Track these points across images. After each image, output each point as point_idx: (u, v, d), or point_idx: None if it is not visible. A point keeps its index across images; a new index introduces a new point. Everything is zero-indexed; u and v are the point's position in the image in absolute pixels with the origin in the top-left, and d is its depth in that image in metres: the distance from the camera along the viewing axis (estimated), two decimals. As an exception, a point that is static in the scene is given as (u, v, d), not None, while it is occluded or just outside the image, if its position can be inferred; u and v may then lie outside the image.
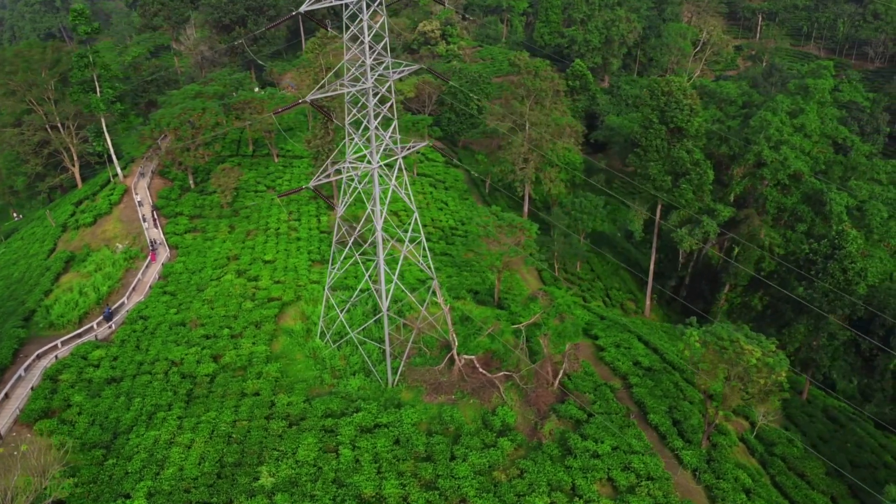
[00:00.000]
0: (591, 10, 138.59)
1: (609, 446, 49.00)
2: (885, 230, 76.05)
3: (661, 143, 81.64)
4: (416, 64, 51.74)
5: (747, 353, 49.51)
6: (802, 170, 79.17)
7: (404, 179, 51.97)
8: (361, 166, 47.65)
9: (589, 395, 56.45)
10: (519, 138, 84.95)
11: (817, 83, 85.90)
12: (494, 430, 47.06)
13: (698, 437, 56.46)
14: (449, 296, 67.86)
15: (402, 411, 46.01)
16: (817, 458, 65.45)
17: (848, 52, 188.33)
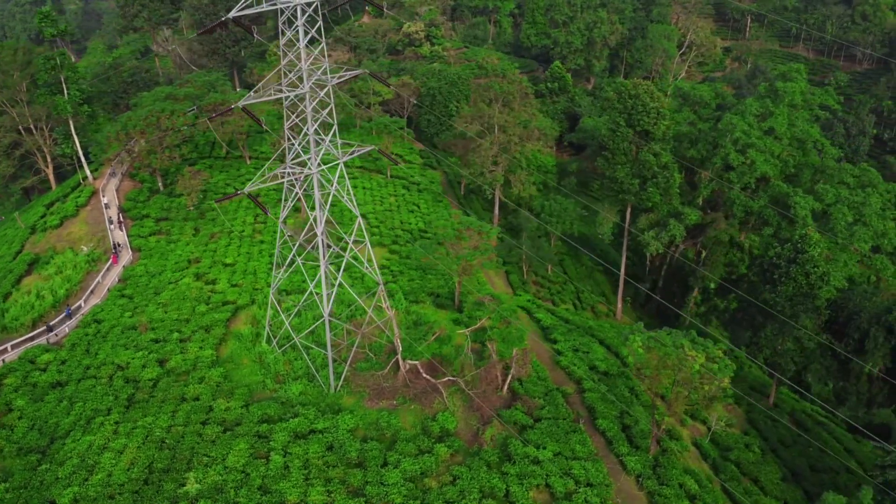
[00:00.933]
0: (573, 12, 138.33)
1: (551, 452, 48.90)
2: (850, 234, 75.78)
3: (628, 147, 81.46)
4: (357, 69, 51.58)
5: (690, 359, 49.37)
6: (769, 173, 78.99)
7: (346, 184, 51.72)
8: (301, 171, 47.51)
9: (539, 400, 56.35)
10: (487, 141, 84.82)
11: (787, 86, 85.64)
12: (433, 436, 46.96)
13: (647, 443, 56.35)
14: (407, 300, 67.84)
15: (338, 417, 45.96)
16: (774, 463, 65.45)
17: (836, 54, 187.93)
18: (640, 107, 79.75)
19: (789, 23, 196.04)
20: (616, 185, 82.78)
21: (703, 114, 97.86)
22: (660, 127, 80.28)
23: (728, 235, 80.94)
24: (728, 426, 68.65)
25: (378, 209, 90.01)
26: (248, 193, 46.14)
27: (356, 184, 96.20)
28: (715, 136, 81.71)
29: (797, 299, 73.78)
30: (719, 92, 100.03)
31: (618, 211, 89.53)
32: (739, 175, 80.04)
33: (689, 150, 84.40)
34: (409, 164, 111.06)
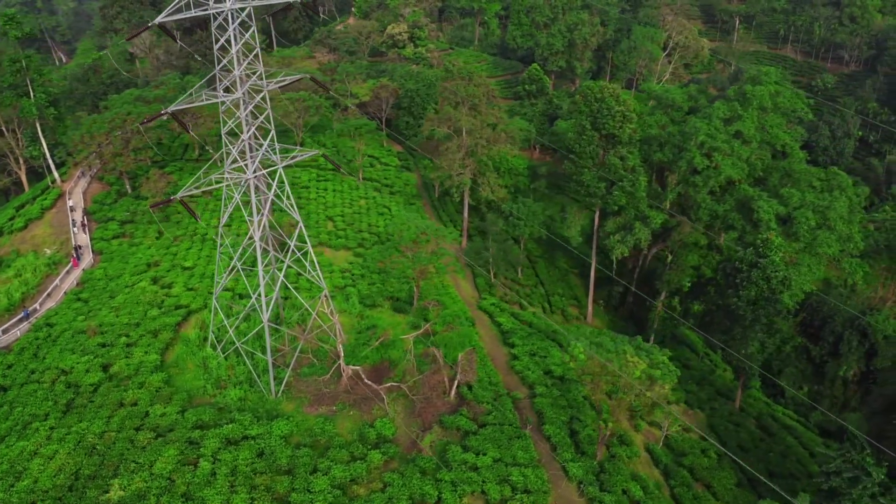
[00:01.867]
0: (553, 14, 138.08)
1: (491, 458, 48.75)
2: (812, 238, 75.51)
3: (594, 150, 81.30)
4: (298, 73, 51.45)
5: (631, 365, 49.21)
6: (734, 176, 78.76)
7: (286, 189, 51.58)
8: (238, 176, 47.40)
9: (486, 405, 56.20)
10: (454, 144, 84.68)
11: (755, 90, 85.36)
12: (369, 442, 46.85)
13: (594, 449, 56.22)
14: (363, 304, 67.74)
15: (272, 423, 45.85)
16: (730, 469, 65.18)
17: (824, 56, 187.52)
18: (606, 110, 79.54)
19: (777, 25, 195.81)
20: (582, 188, 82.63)
21: (676, 116, 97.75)
22: (625, 130, 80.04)
23: (693, 239, 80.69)
24: (685, 431, 68.58)
25: (347, 212, 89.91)
26: (180, 199, 46.03)
27: (327, 186, 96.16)
28: (680, 140, 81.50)
29: (759, 304, 73.56)
30: (692, 95, 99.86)
31: (588, 214, 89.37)
32: (705, 178, 79.81)
33: (656, 153, 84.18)
34: (385, 166, 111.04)
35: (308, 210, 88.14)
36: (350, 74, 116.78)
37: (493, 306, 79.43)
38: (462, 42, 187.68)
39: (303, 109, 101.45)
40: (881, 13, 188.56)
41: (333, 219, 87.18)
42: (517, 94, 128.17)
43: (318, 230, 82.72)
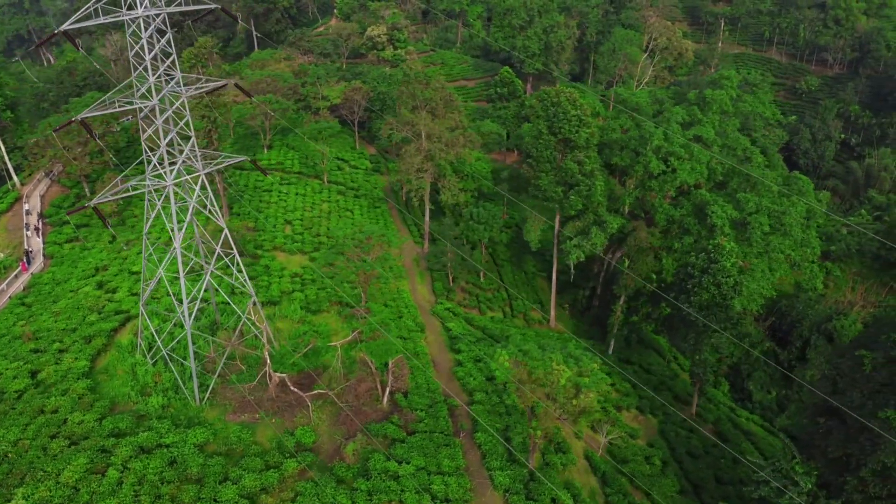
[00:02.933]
0: (529, 17, 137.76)
1: (415, 467, 48.51)
2: (766, 244, 75.10)
3: (550, 154, 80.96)
4: (221, 79, 51.21)
5: (556, 372, 48.91)
6: (689, 182, 78.39)
7: (209, 195, 51.35)
8: (158, 183, 47.19)
9: (420, 412, 55.98)
10: (412, 147, 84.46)
11: (714, 94, 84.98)
12: (287, 451, 46.62)
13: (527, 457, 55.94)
14: (308, 310, 67.49)
15: (189, 431, 45.65)
16: (673, 476, 64.85)
17: (808, 58, 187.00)
18: (562, 114, 79.23)
19: (762, 27, 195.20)
20: (540, 192, 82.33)
21: (640, 120, 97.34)
22: (581, 135, 79.66)
23: (649, 243, 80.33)
24: (631, 437, 68.31)
25: (307, 215, 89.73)
26: (93, 206, 45.84)
27: (290, 189, 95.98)
28: (637, 144, 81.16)
29: (712, 309, 73.26)
30: (658, 98, 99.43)
31: (548, 218, 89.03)
32: (661, 183, 79.45)
33: (615, 157, 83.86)
34: (355, 169, 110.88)
35: (267, 213, 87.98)
36: (321, 77, 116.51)
37: (447, 311, 79.25)
38: (446, 44, 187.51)
39: (266, 113, 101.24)
40: (866, 15, 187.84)
41: (292, 222, 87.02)
42: (489, 97, 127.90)
43: (273, 234, 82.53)
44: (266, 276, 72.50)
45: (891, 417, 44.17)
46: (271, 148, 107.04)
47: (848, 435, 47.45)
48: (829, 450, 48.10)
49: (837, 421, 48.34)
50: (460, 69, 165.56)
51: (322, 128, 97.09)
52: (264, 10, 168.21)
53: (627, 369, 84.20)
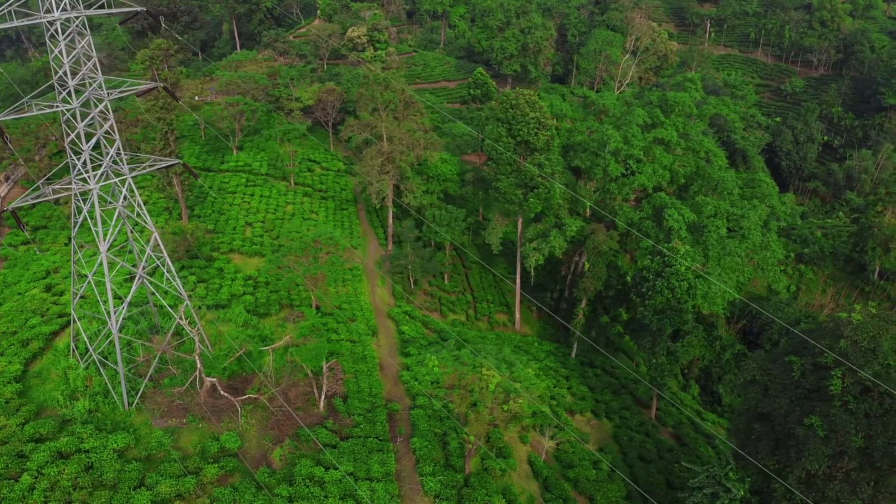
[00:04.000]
0: (507, 18, 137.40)
1: (342, 473, 48.15)
2: (721, 248, 74.70)
3: (510, 157, 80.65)
4: (147, 82, 50.90)
5: (486, 378, 48.60)
6: (647, 184, 78.01)
7: (137, 199, 51.06)
8: (82, 187, 46.90)
9: (357, 417, 55.70)
10: (372, 150, 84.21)
11: (676, 96, 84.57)
12: (209, 456, 46.33)
13: (473, 462, 55.65)
14: (256, 313, 67.21)
15: (111, 436, 45.36)
16: (620, 481, 64.37)
17: (793, 59, 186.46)
18: (520, 116, 78.94)
19: (748, 28, 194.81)
20: (500, 194, 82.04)
21: (608, 122, 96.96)
22: (540, 138, 79.37)
23: (608, 247, 79.92)
24: (581, 441, 67.88)
25: (269, 218, 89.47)
26: (11, 210, 45.61)
27: (255, 191, 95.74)
28: (596, 147, 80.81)
29: (667, 313, 72.84)
30: (627, 100, 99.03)
31: (512, 220, 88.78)
32: (620, 186, 79.07)
33: (574, 160, 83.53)
34: (326, 170, 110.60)
35: (228, 216, 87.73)
36: (294, 79, 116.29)
37: (403, 314, 78.92)
38: (430, 45, 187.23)
39: (235, 114, 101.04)
40: (852, 16, 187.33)
41: (253, 224, 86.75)
42: (462, 99, 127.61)
43: (232, 236, 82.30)
44: (219, 278, 72.26)
45: (815, 424, 43.76)
46: (241, 149, 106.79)
47: (777, 441, 47.05)
48: (760, 456, 47.68)
49: (769, 427, 47.94)
50: (441, 70, 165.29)
51: (287, 129, 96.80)
52: (247, 10, 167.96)
53: (588, 372, 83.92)
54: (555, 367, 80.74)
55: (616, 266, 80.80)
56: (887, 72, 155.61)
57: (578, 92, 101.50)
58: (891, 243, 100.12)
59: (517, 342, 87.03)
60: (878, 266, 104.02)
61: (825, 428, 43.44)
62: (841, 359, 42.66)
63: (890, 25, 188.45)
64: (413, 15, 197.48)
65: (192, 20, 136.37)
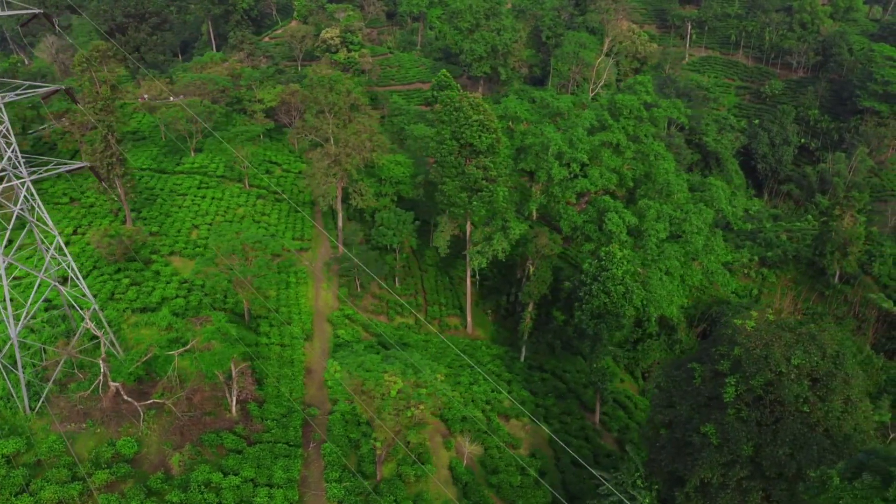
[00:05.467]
0: (476, 20, 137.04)
1: (242, 478, 47.81)
2: (660, 252, 74.17)
3: (455, 160, 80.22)
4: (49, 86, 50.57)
5: (388, 384, 48.20)
6: (589, 188, 77.55)
7: (37, 202, 50.76)
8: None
9: (270, 422, 55.35)
10: (318, 152, 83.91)
11: (624, 99, 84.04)
12: (103, 461, 45.99)
13: (386, 468, 55.28)
14: (175, 317, 66.75)
15: (1, 441, 45.05)
16: (545, 487, 63.85)
17: (774, 62, 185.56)
18: (463, 119, 78.50)
19: (730, 30, 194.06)
20: (445, 198, 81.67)
21: (562, 125, 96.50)
22: (483, 140, 78.87)
23: (550, 250, 79.48)
24: (511, 447, 67.36)
25: (218, 220, 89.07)
26: None
27: (207, 193, 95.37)
28: (540, 150, 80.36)
29: (604, 317, 72.35)
30: (581, 102, 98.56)
31: (461, 223, 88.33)
32: (563, 189, 78.62)
33: (520, 163, 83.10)
34: (287, 172, 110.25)
35: (175, 217, 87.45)
36: (256, 80, 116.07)
37: (344, 318, 78.59)
38: (409, 46, 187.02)
39: (191, 116, 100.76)
40: (832, 19, 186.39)
41: (199, 227, 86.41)
42: (426, 101, 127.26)
43: (175, 239, 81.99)
44: (153, 281, 71.95)
45: (709, 433, 43.24)
46: (200, 151, 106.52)
47: (678, 449, 46.54)
48: (663, 464, 47.19)
49: (671, 434, 47.44)
50: (416, 72, 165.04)
51: (240, 131, 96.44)
52: (223, 11, 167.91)
53: (534, 376, 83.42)
54: (498, 371, 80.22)
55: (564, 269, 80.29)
56: (863, 74, 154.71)
57: (536, 94, 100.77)
58: (849, 247, 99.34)
59: (464, 346, 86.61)
60: (837, 270, 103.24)
61: (719, 436, 42.92)
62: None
63: (871, 27, 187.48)
64: (394, 16, 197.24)
65: (162, 21, 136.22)
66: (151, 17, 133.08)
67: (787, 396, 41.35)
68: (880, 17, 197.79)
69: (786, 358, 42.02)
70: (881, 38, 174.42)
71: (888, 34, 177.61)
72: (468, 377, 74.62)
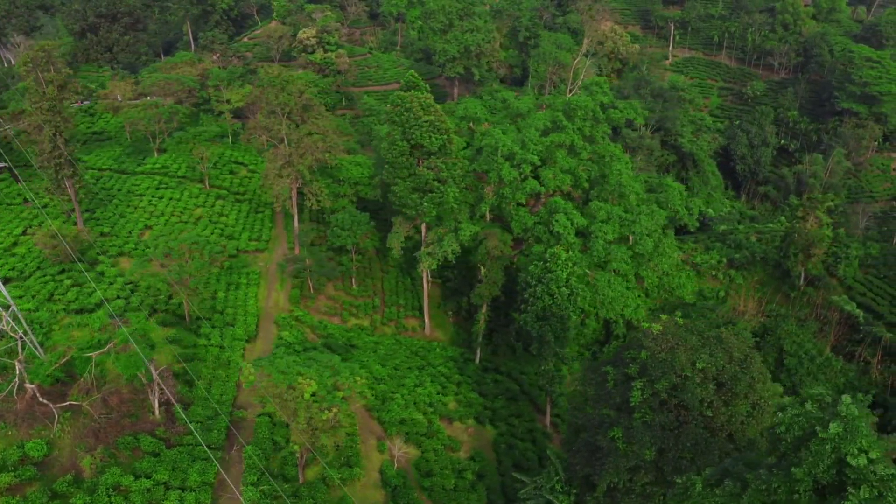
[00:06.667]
0: (449, 20, 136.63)
1: (153, 482, 47.44)
2: (606, 253, 73.65)
3: (405, 161, 79.78)
4: None
5: (301, 386, 47.81)
6: (539, 189, 77.12)
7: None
8: None
9: (194, 424, 54.97)
10: (270, 153, 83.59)
11: (578, 101, 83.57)
12: (9, 464, 45.64)
13: (311, 471, 54.91)
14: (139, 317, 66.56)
15: None
16: (482, 490, 63.46)
17: (756, 63, 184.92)
18: (413, 120, 78.07)
19: (713, 31, 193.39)
20: (397, 198, 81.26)
21: (522, 125, 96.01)
22: (434, 141, 78.42)
23: (500, 251, 79.06)
24: (450, 449, 66.94)
25: (172, 221, 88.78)
26: None
27: (165, 194, 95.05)
28: (490, 151, 79.96)
29: (549, 320, 71.86)
30: (544, 103, 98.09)
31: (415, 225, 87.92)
32: (513, 191, 78.20)
33: (473, 164, 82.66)
34: (253, 172, 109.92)
35: (128, 218, 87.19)
36: (223, 80, 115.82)
37: (293, 319, 78.20)
38: (391, 47, 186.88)
39: (153, 117, 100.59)
40: (815, 19, 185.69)
41: (153, 228, 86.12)
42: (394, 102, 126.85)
43: (126, 240, 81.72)
44: (96, 282, 71.64)
45: (616, 437, 42.78)
46: (164, 152, 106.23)
47: (591, 452, 46.09)
48: (577, 468, 46.74)
49: (586, 438, 46.98)
50: (395, 72, 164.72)
51: (199, 132, 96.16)
52: (201, 11, 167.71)
53: (486, 378, 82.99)
54: (448, 373, 79.78)
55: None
56: (842, 75, 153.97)
57: (498, 95, 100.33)
58: (812, 249, 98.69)
59: (418, 347, 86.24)
60: (802, 272, 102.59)
61: (625, 440, 42.45)
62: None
63: (855, 28, 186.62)
64: (377, 17, 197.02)
65: (134, 22, 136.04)
66: (123, 17, 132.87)
67: (690, 401, 40.87)
68: (864, 18, 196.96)
69: (691, 362, 41.52)
70: (863, 39, 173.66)
71: (870, 35, 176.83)
72: (414, 379, 74.16)
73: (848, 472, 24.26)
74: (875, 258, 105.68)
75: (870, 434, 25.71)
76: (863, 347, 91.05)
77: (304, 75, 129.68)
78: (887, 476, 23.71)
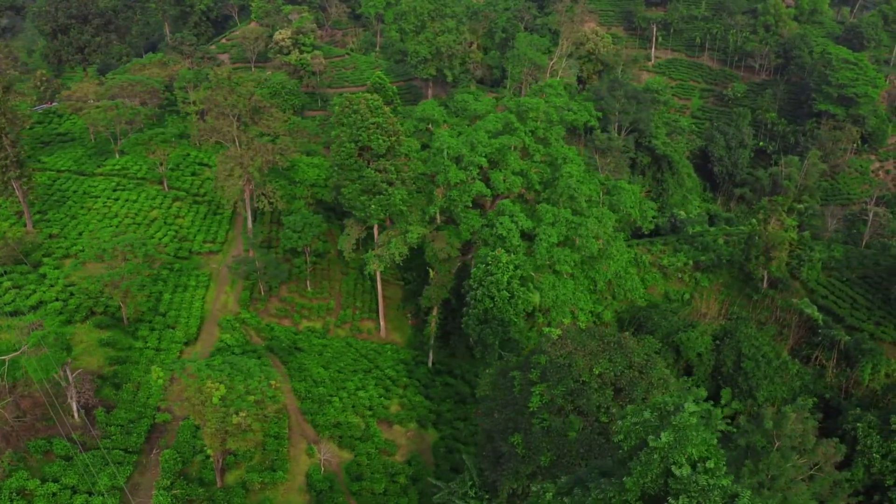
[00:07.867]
0: (420, 22, 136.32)
1: (59, 486, 47.16)
2: (549, 256, 73.20)
3: (353, 162, 79.46)
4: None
5: (209, 390, 47.49)
6: (484, 192, 76.77)
7: None
8: None
9: (114, 428, 54.72)
10: (221, 155, 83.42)
11: (530, 102, 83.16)
12: None
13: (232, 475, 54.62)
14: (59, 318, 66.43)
15: None
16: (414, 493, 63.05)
17: (737, 64, 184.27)
18: (361, 121, 77.75)
19: (695, 33, 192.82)
20: (346, 200, 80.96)
21: (474, 127, 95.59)
22: (381, 143, 78.08)
23: (446, 254, 78.68)
24: (385, 453, 66.54)
25: (125, 222, 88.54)
26: None
27: (121, 196, 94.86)
28: (437, 153, 79.62)
29: (490, 323, 71.51)
30: (503, 104, 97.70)
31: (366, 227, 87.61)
32: (460, 193, 77.84)
33: (423, 166, 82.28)
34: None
35: (80, 220, 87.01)
36: (190, 82, 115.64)
37: (237, 322, 77.89)
38: (371, 48, 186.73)
39: (114, 118, 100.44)
40: (797, 21, 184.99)
41: (105, 230, 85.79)
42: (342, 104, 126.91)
43: (74, 242, 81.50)
44: (36, 284, 71.44)
45: (516, 443, 42.39)
46: (125, 153, 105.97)
47: (496, 458, 45.70)
48: (486, 473, 46.35)
49: (492, 443, 46.60)
50: (371, 74, 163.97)
51: (156, 133, 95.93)
52: (179, 12, 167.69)
53: (436, 381, 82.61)
54: (395, 376, 79.34)
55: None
56: (819, 77, 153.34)
57: (458, 98, 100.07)
58: (772, 251, 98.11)
59: (368, 350, 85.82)
60: (764, 274, 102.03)
61: (524, 446, 42.07)
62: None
63: (837, 30, 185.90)
64: (359, 18, 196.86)
65: (106, 23, 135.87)
66: (95, 18, 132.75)
67: (586, 406, 40.47)
68: (846, 20, 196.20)
69: (588, 367, 41.13)
70: (844, 41, 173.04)
71: (852, 36, 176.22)
72: (356, 383, 73.81)
73: (671, 482, 23.84)
74: (839, 261, 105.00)
75: (708, 443, 25.31)
76: (820, 350, 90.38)
77: (275, 76, 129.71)
78: (708, 486, 23.26)
